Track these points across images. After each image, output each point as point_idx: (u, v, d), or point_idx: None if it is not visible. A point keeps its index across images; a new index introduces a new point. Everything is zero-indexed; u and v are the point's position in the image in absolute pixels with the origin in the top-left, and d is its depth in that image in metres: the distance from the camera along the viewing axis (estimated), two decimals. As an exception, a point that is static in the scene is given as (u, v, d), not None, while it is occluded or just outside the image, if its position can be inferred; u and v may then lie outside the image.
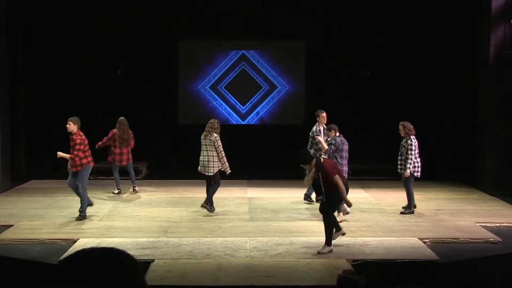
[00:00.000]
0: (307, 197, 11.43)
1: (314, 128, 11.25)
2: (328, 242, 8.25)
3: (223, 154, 10.27)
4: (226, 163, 10.26)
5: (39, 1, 14.37)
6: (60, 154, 9.91)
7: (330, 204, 8.35)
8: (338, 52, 15.14)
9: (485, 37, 12.54)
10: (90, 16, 14.72)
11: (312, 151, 11.11)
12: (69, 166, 10.01)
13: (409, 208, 10.56)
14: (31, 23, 14.36)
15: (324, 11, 15.04)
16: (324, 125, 11.26)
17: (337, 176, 8.07)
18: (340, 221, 9.63)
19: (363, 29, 14.99)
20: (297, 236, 9.03)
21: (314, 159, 8.33)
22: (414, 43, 14.79)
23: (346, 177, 9.98)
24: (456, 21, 14.00)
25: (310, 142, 11.24)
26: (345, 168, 10.23)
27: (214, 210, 10.43)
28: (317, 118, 11.33)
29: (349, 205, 8.45)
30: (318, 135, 11.06)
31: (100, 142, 11.95)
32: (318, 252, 8.17)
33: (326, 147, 10.39)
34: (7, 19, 12.85)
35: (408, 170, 10.25)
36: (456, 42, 14.10)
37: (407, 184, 10.48)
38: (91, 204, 10.22)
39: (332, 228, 8.29)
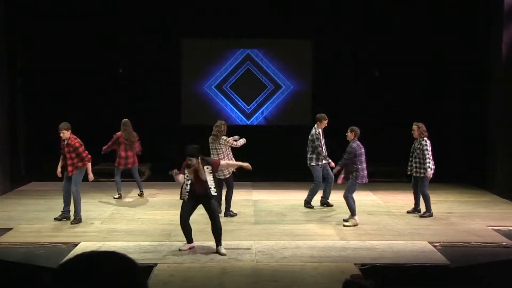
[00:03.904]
0: (307, 203, 11.20)
1: (313, 131, 10.99)
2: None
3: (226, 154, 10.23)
4: (233, 163, 9.88)
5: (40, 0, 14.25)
6: (89, 173, 9.85)
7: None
8: (345, 51, 14.98)
9: (497, 35, 12.37)
10: (91, 15, 14.58)
11: (313, 156, 10.87)
12: (59, 169, 9.85)
13: (428, 211, 10.38)
14: (30, 23, 14.21)
15: (330, 9, 14.87)
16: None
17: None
18: (355, 225, 9.56)
19: (370, 28, 14.82)
20: (304, 239, 8.86)
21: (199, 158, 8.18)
22: (422, 42, 14.62)
23: (367, 181, 9.91)
24: (467, 20, 13.84)
25: (309, 146, 10.98)
26: (365, 173, 9.81)
27: (236, 214, 10.44)
28: (318, 122, 11.04)
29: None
30: (319, 138, 10.84)
31: (105, 146, 11.71)
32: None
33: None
34: (6, 19, 12.71)
35: (430, 171, 10.12)
36: (467, 40, 13.93)
37: (423, 186, 10.28)
38: (68, 218, 9.95)
39: None
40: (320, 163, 10.95)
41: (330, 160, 11.01)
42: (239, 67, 15.76)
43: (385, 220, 10.13)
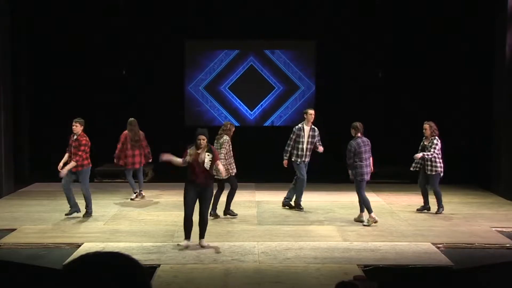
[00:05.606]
0: (287, 203, 11.10)
1: (298, 125, 10.87)
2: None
3: (226, 157, 10.07)
4: (222, 168, 9.24)
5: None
6: (65, 169, 9.76)
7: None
8: (349, 52, 14.93)
9: (501, 36, 12.34)
10: (93, 16, 14.57)
11: (294, 151, 10.80)
12: (61, 165, 9.88)
13: (440, 207, 10.53)
14: (32, 22, 14.22)
15: (335, 9, 14.84)
16: (311, 125, 10.83)
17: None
18: (375, 222, 9.58)
19: (375, 29, 14.80)
20: (307, 240, 8.86)
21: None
22: (427, 43, 14.58)
23: (368, 178, 9.83)
24: (472, 21, 13.81)
25: (291, 140, 10.82)
26: (364, 170, 9.73)
27: (236, 214, 10.43)
28: (304, 115, 10.91)
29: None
30: (294, 133, 10.74)
31: (117, 151, 11.64)
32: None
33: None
34: (12, 18, 12.72)
35: (438, 169, 10.26)
36: (472, 42, 13.90)
37: (435, 184, 10.40)
38: (78, 211, 10.08)
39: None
40: (299, 159, 10.77)
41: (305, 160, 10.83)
42: (244, 68, 15.66)
43: (388, 221, 10.11)
